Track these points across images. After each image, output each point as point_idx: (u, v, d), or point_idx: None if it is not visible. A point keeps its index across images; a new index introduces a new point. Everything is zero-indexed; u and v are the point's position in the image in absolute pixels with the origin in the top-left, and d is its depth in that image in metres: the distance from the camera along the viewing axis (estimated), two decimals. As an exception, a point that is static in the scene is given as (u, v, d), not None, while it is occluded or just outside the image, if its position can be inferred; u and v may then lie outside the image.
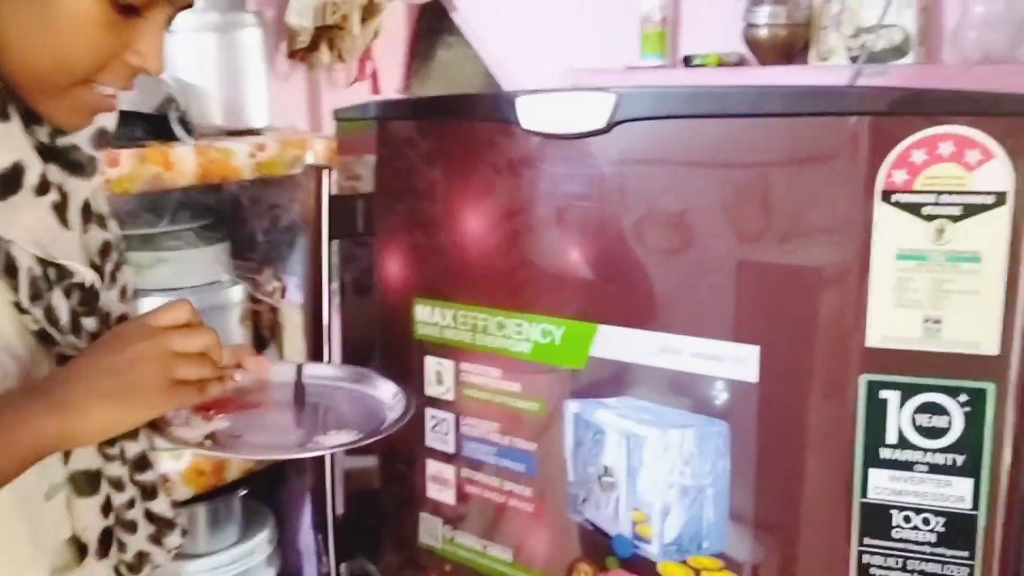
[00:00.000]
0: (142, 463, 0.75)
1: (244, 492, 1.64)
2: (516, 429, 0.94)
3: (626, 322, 0.84)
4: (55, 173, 0.69)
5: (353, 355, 1.11)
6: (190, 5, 0.68)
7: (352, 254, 1.13)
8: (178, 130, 1.65)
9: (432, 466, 1.02)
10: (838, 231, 0.73)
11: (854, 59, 1.38)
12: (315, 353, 1.09)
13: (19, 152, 0.64)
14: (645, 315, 0.83)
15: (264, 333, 2.06)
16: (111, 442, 0.71)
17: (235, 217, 2.06)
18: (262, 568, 1.58)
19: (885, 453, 0.73)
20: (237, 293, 1.95)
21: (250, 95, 1.85)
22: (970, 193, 0.67)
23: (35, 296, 0.65)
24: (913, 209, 0.69)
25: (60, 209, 0.67)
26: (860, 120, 0.70)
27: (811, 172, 0.74)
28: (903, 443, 0.72)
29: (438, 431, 1.01)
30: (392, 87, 2.41)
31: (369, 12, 2.03)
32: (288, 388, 0.82)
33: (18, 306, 0.65)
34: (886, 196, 0.69)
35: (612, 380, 0.86)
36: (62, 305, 0.67)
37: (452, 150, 0.97)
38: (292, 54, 2.10)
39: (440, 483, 1.02)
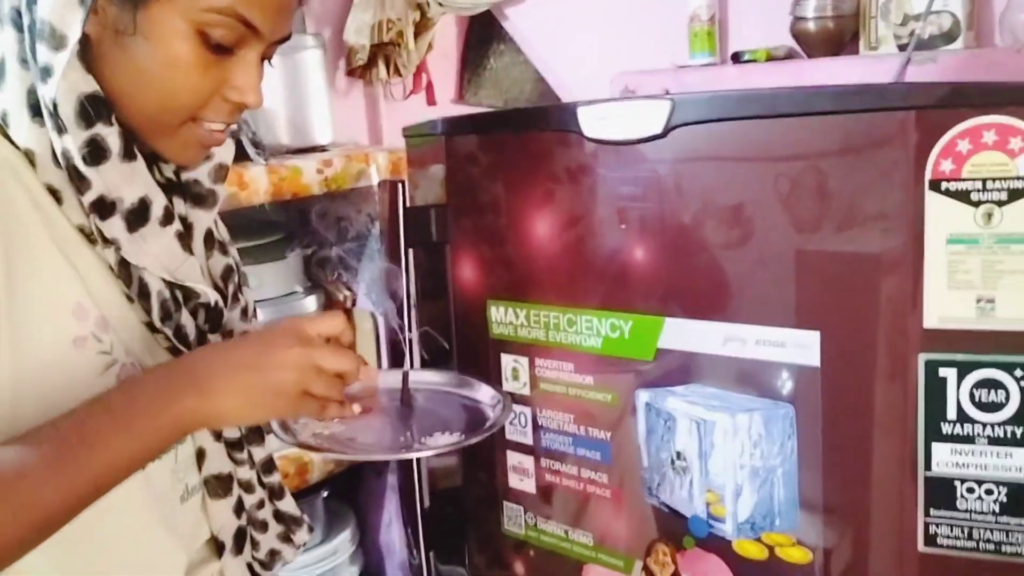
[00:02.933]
0: (269, 466, 0.82)
1: (326, 493, 1.72)
2: (591, 420, 1.00)
3: (691, 314, 0.89)
4: (180, 206, 0.75)
5: (430, 352, 1.18)
6: (287, 38, 0.71)
7: (422, 260, 1.20)
8: (251, 151, 1.74)
9: (513, 457, 1.09)
10: (891, 218, 0.77)
11: (903, 47, 1.40)
12: (399, 353, 1.16)
13: (145, 188, 0.71)
14: (709, 306, 0.88)
15: (337, 340, 2.15)
16: (239, 447, 0.77)
17: (305, 230, 2.15)
18: (345, 567, 1.66)
19: (946, 428, 0.76)
20: (311, 303, 2.04)
21: (314, 113, 1.93)
22: (1015, 179, 0.71)
23: (165, 316, 0.71)
24: (961, 196, 0.72)
25: (184, 237, 0.75)
26: (906, 114, 0.74)
27: (862, 164, 0.78)
28: (963, 418, 0.76)
29: (516, 424, 1.07)
30: (447, 96, 2.49)
31: (422, 27, 2.11)
32: (395, 394, 0.89)
33: (150, 326, 0.72)
34: (934, 184, 0.73)
35: (680, 369, 0.91)
36: (189, 324, 0.74)
37: (517, 160, 1.03)
38: (351, 71, 2.19)
39: (521, 473, 1.08)
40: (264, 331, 0.70)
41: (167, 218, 0.72)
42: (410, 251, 1.13)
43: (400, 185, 1.12)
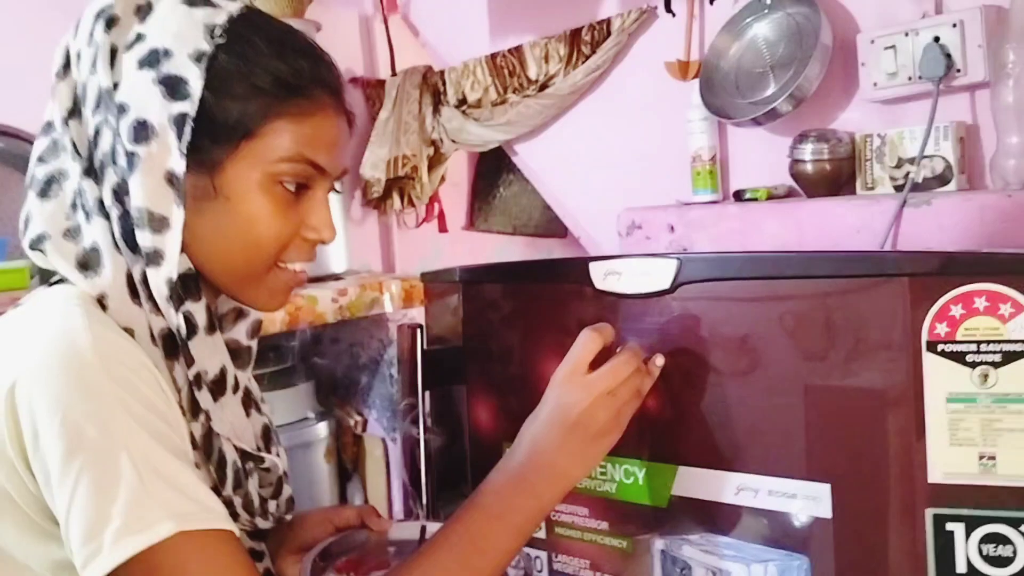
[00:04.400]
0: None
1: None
2: (606, 565, 1.01)
3: (703, 463, 0.91)
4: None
5: (444, 495, 1.19)
6: (345, 173, 0.79)
7: (438, 402, 1.23)
8: (269, 283, 1.79)
9: (528, 602, 1.09)
10: (894, 376, 0.80)
11: (899, 188, 1.46)
12: (413, 496, 1.18)
13: (223, 358, 0.75)
14: (720, 456, 0.91)
15: (347, 465, 2.16)
16: None
17: (317, 357, 2.19)
18: None
19: (957, 582, 0.78)
20: (322, 429, 2.06)
21: (331, 243, 2.01)
22: (1007, 342, 0.74)
23: (237, 485, 0.74)
24: (957, 357, 0.76)
25: (244, 403, 0.78)
26: (901, 280, 0.78)
27: (863, 322, 0.82)
28: (972, 572, 0.77)
29: (532, 568, 1.08)
30: (458, 224, 2.57)
31: (435, 161, 2.21)
32: (413, 546, 0.91)
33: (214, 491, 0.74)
34: (931, 346, 0.77)
35: (695, 517, 0.92)
36: (254, 491, 0.77)
37: (531, 308, 1.07)
38: (367, 203, 2.28)
39: (536, 618, 1.08)
40: (550, 408, 0.79)
41: (236, 385, 0.76)
42: (427, 393, 1.16)
43: (418, 330, 1.16)
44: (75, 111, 0.72)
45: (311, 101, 0.72)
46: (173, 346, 0.70)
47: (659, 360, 0.87)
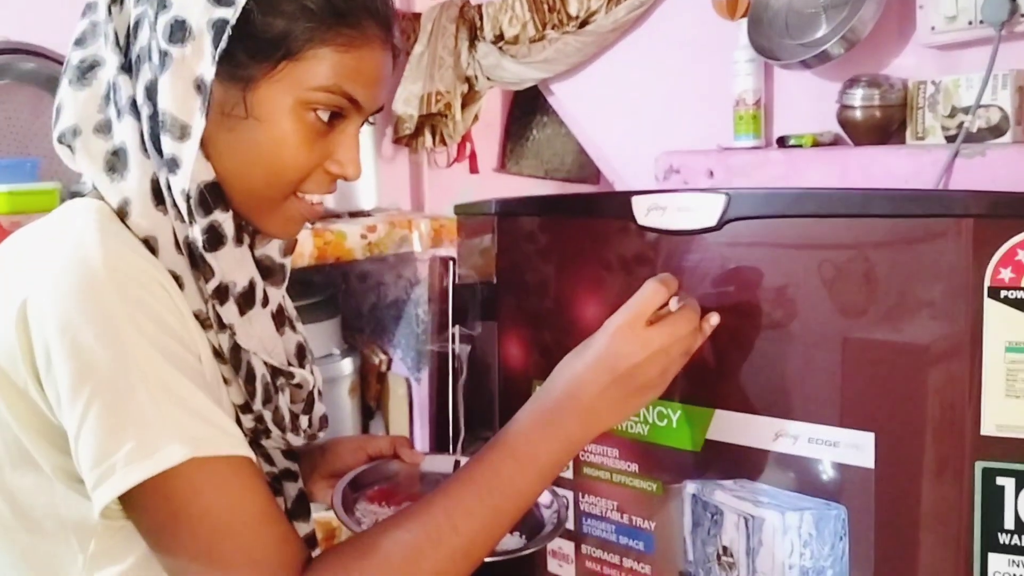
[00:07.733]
0: (311, 542, 0.82)
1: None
2: (635, 508, 0.99)
3: (741, 407, 0.89)
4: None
5: (472, 432, 1.18)
6: (380, 110, 0.76)
7: (469, 337, 1.21)
8: (298, 216, 1.77)
9: (553, 541, 1.08)
10: (948, 322, 0.77)
11: (951, 139, 1.41)
12: (441, 434, 1.16)
13: (251, 271, 0.73)
14: (760, 401, 0.88)
15: (370, 403, 2.16)
16: None
17: (344, 293, 2.18)
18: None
19: (1003, 538, 0.75)
20: (347, 366, 2.06)
21: (361, 180, 1.98)
22: (1075, 290, 0.70)
23: (266, 399, 0.73)
24: (1020, 305, 0.72)
25: (275, 318, 0.76)
26: (965, 221, 0.74)
27: (919, 265, 0.79)
28: (1021, 529, 0.74)
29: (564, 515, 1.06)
30: (489, 165, 2.53)
31: (469, 99, 2.16)
32: (444, 479, 0.89)
33: (242, 408, 0.73)
34: (993, 292, 0.73)
35: (729, 463, 0.90)
36: (285, 406, 0.75)
37: (568, 243, 1.04)
38: (397, 139, 2.24)
39: (560, 559, 1.07)
40: (603, 353, 0.76)
41: (265, 299, 0.74)
42: (457, 328, 1.14)
43: (451, 262, 1.13)
44: None
45: (359, 32, 0.69)
46: (199, 255, 0.68)
47: (714, 319, 0.83)
